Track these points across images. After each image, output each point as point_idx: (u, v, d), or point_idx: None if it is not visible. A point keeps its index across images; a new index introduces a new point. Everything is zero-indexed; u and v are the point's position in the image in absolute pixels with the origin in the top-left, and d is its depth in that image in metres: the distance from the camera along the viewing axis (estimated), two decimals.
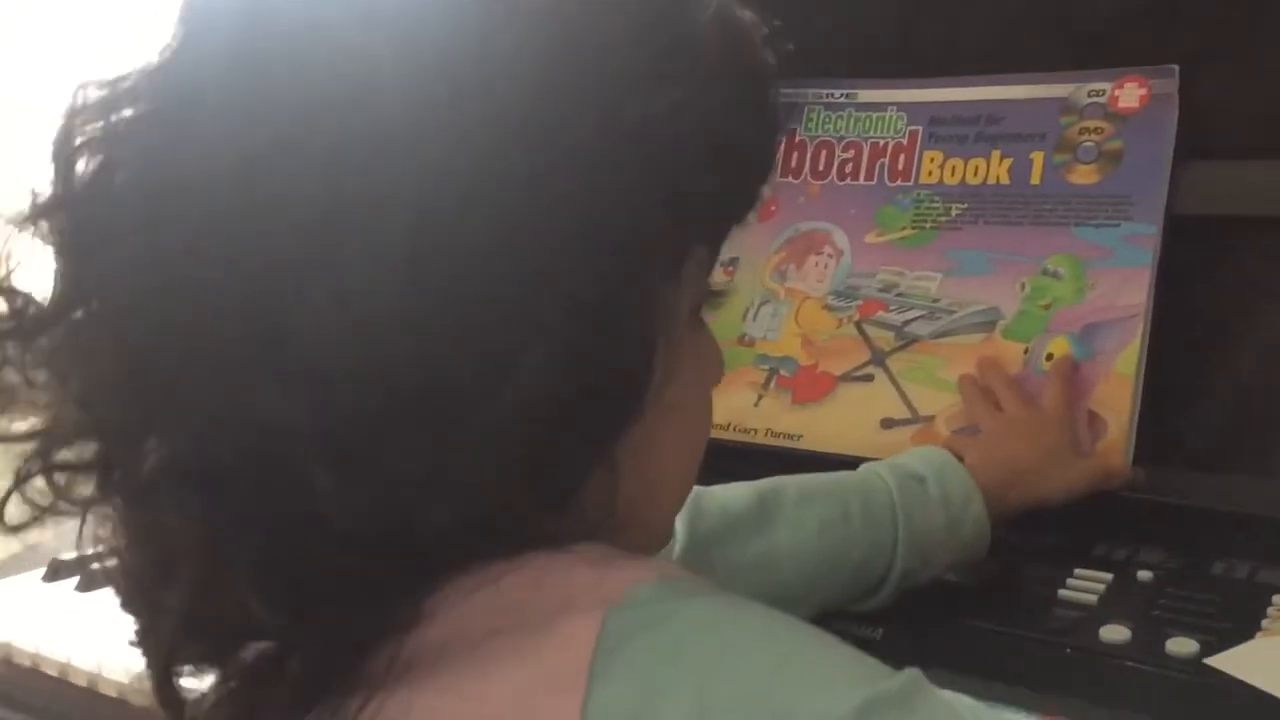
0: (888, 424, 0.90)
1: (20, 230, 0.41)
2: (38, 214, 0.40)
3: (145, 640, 0.42)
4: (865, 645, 0.68)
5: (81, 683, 0.78)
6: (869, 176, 0.97)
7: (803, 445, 0.92)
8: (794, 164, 1.00)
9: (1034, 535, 0.77)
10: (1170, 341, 0.84)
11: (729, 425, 0.96)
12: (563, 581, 0.39)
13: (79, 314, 0.40)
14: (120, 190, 0.39)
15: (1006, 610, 0.71)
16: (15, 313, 0.41)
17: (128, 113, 0.40)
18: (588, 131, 0.39)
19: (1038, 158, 0.91)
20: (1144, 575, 0.72)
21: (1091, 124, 0.90)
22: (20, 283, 0.41)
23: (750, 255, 0.99)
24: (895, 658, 0.67)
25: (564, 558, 0.40)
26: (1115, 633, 0.65)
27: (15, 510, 0.41)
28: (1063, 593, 0.71)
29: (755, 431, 0.94)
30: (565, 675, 0.36)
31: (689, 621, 0.38)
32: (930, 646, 0.69)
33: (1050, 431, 0.80)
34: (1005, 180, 0.92)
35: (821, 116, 0.99)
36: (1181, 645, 0.64)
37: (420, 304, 0.37)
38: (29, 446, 0.41)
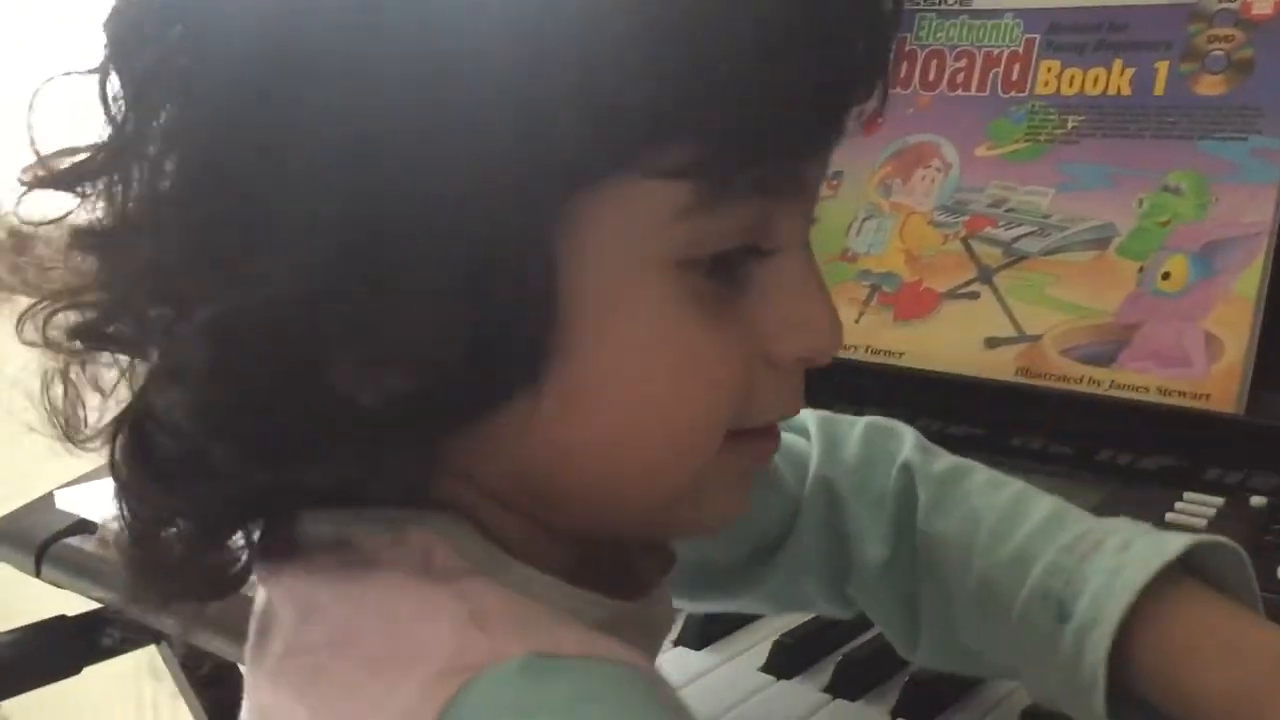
0: (992, 343, 0.88)
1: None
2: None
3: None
4: None
5: None
6: (981, 87, 0.94)
7: (904, 363, 0.91)
8: (903, 74, 0.97)
9: (1142, 457, 0.75)
10: None
11: None
12: (420, 629, 0.35)
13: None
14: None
15: None
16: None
17: None
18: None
19: (1162, 67, 0.87)
20: (1257, 501, 0.70)
21: (1221, 31, 0.85)
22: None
23: (855, 169, 0.97)
24: None
25: (431, 590, 0.36)
26: None
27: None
28: (1170, 516, 0.69)
29: (855, 348, 0.93)
30: None
31: None
32: None
33: None
34: (1126, 91, 0.88)
35: (933, 24, 0.96)
36: None
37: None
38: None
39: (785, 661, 0.63)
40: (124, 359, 0.38)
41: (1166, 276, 0.83)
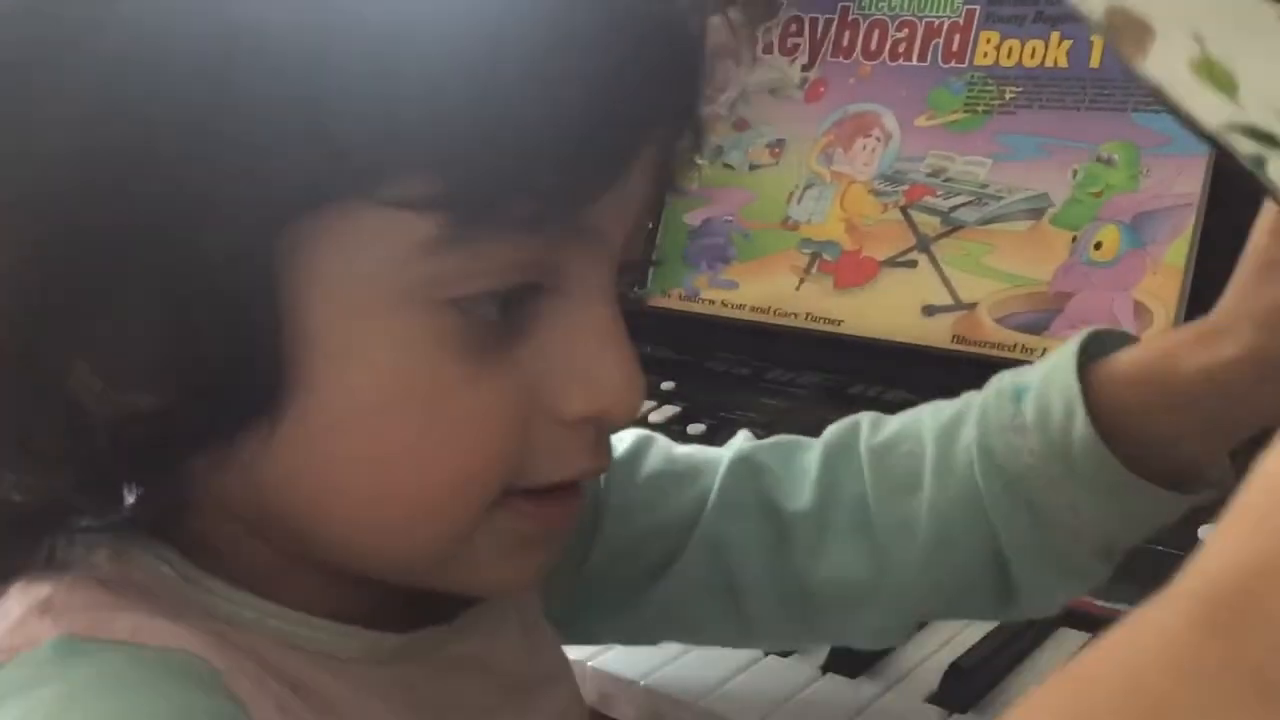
0: (929, 310, 0.89)
1: None
2: None
3: None
4: None
5: None
6: (922, 58, 0.94)
7: (844, 330, 0.92)
8: (845, 44, 0.97)
9: None
10: (1221, 234, 0.82)
11: (769, 309, 0.96)
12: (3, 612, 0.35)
13: None
14: None
15: None
16: None
17: None
18: None
19: (1099, 40, 0.88)
20: None
21: None
22: None
23: (796, 137, 0.98)
24: None
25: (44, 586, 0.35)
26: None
27: None
28: None
29: (796, 315, 0.94)
30: None
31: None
32: None
33: None
34: (1063, 63, 0.89)
35: None
36: None
37: None
38: None
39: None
40: None
41: (1099, 246, 0.85)
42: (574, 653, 0.50)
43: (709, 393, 0.89)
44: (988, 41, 0.92)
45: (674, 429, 0.84)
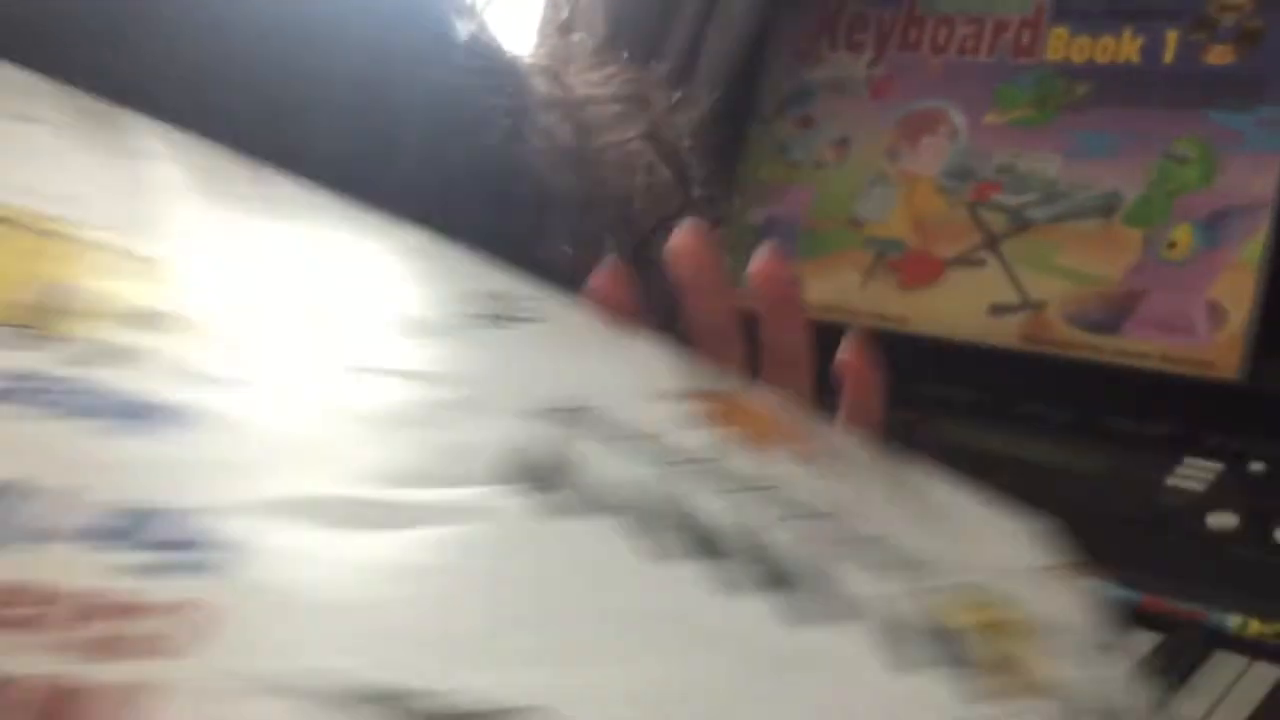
0: (997, 310, 0.88)
1: None
2: None
3: None
4: None
5: None
6: (990, 53, 0.94)
7: (909, 329, 0.92)
8: (911, 39, 0.97)
9: (1144, 423, 0.76)
10: None
11: (832, 307, 0.95)
12: None
13: None
14: None
15: (1111, 495, 0.70)
16: None
17: None
18: None
19: (1172, 36, 0.87)
20: (1256, 467, 0.71)
21: (1231, 1, 0.85)
22: None
23: (861, 135, 0.97)
24: None
25: None
26: (1222, 520, 0.65)
27: None
28: (1170, 480, 0.70)
29: (860, 314, 0.94)
30: None
31: None
32: (1031, 525, 0.70)
33: None
34: (1135, 59, 0.88)
35: None
36: None
37: None
38: None
39: None
40: None
41: (1172, 245, 0.83)
42: None
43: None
44: (1058, 37, 0.91)
45: None
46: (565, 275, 0.35)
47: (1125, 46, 0.89)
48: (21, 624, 0.16)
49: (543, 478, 0.20)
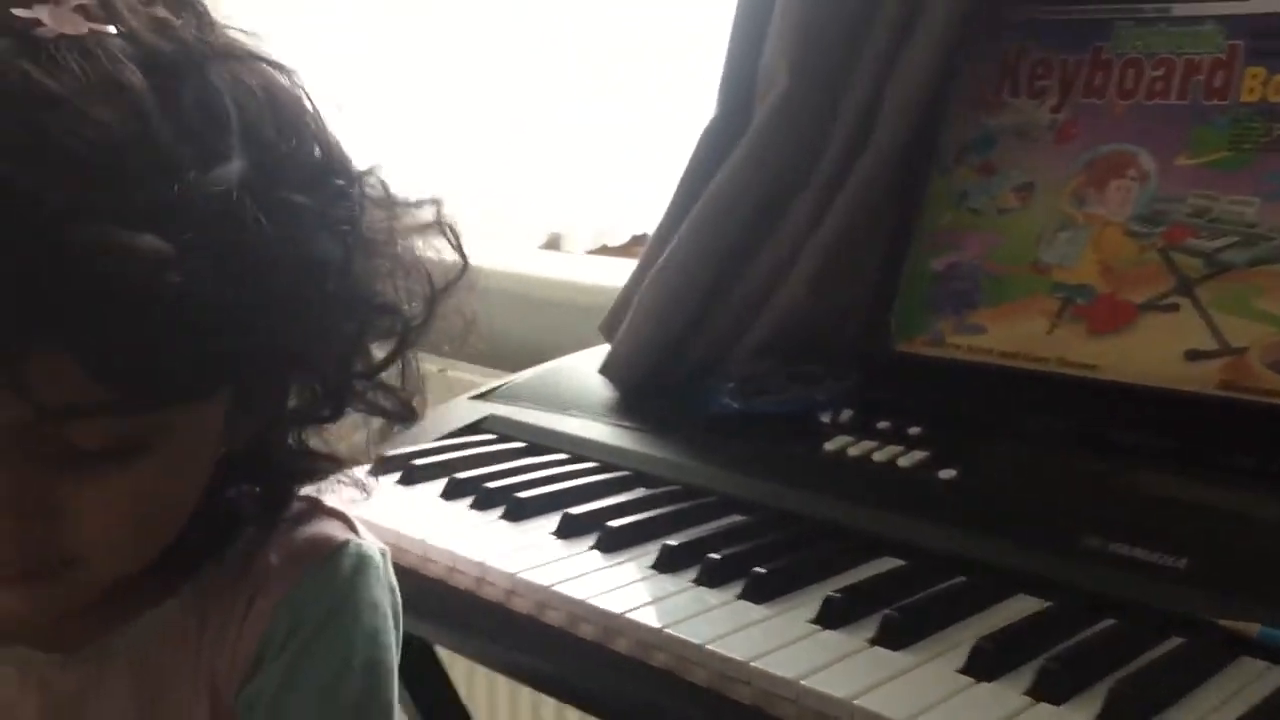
0: (1193, 355, 0.86)
1: None
2: None
3: None
4: (1168, 574, 0.68)
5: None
6: (1181, 96, 0.92)
7: (1099, 375, 0.90)
8: (1098, 83, 0.96)
9: None
10: None
11: (1017, 354, 0.94)
12: None
13: None
14: None
15: None
16: None
17: None
18: None
19: None
20: None
21: None
22: None
23: (1046, 180, 0.96)
24: (1202, 587, 0.66)
25: None
26: None
27: None
28: None
29: (1047, 360, 0.92)
30: None
31: None
32: (1239, 577, 0.67)
33: None
34: None
35: (1131, 32, 0.95)
36: None
37: None
38: None
39: (985, 664, 0.63)
40: None
41: None
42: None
43: (958, 438, 0.88)
44: (1253, 77, 0.89)
45: (923, 473, 0.84)
46: None
47: None
48: None
49: None
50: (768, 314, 1.03)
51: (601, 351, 1.09)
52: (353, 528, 0.59)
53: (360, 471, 0.60)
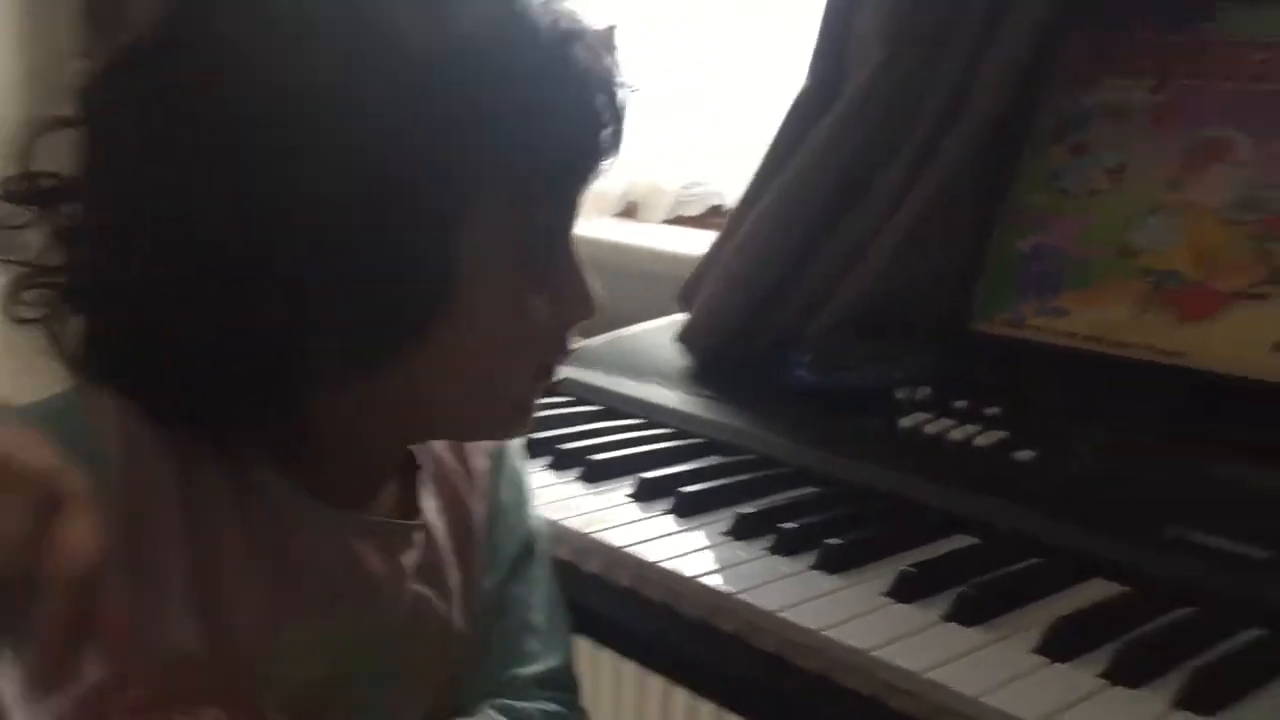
0: None
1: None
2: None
3: None
4: (1248, 564, 0.67)
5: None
6: None
7: (1186, 363, 0.88)
8: (1200, 65, 0.93)
9: None
10: None
11: (1101, 338, 0.93)
12: None
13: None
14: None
15: None
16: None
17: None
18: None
19: None
20: None
21: None
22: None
23: (1140, 162, 0.95)
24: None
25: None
26: None
27: None
28: None
29: (1133, 346, 0.91)
30: None
31: None
32: None
33: None
34: None
35: (1235, 14, 0.92)
36: None
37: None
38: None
39: (1063, 644, 0.63)
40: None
41: None
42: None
43: (1036, 420, 0.87)
44: None
45: (1000, 454, 0.83)
46: None
47: None
48: None
49: None
50: (848, 287, 1.02)
51: (676, 321, 1.09)
52: None
53: None
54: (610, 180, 1.74)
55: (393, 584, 0.62)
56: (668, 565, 0.73)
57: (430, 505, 0.65)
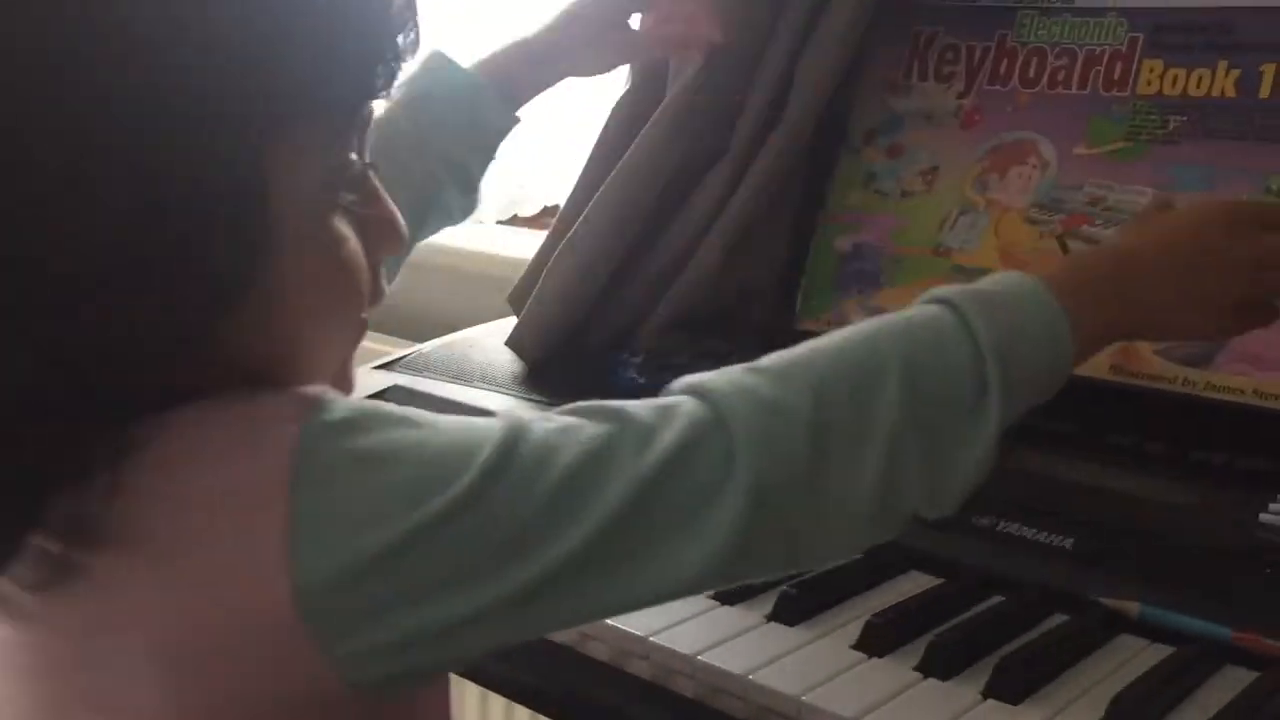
0: None
1: None
2: None
3: None
4: (1054, 554, 0.70)
5: None
6: (1081, 86, 0.94)
7: None
8: (1003, 71, 0.97)
9: (1236, 458, 0.76)
10: None
11: None
12: (245, 410, 0.48)
13: None
14: None
15: (1204, 529, 0.70)
16: None
17: None
18: None
19: (1269, 69, 0.86)
20: None
21: None
22: None
23: (950, 164, 0.98)
24: (1086, 566, 0.68)
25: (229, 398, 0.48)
26: None
27: None
28: (1265, 516, 0.70)
29: None
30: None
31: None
32: (1122, 558, 0.70)
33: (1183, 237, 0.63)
34: (1230, 93, 0.88)
35: (1035, 23, 0.96)
36: None
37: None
38: None
39: (877, 640, 0.64)
40: None
41: None
42: None
43: None
44: (1151, 70, 0.91)
45: None
46: None
47: (1220, 79, 0.89)
48: None
49: None
50: (677, 289, 1.03)
51: (509, 324, 1.08)
52: None
53: None
54: None
55: None
56: None
57: None
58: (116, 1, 0.45)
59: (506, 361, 1.05)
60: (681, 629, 0.66)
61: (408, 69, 0.53)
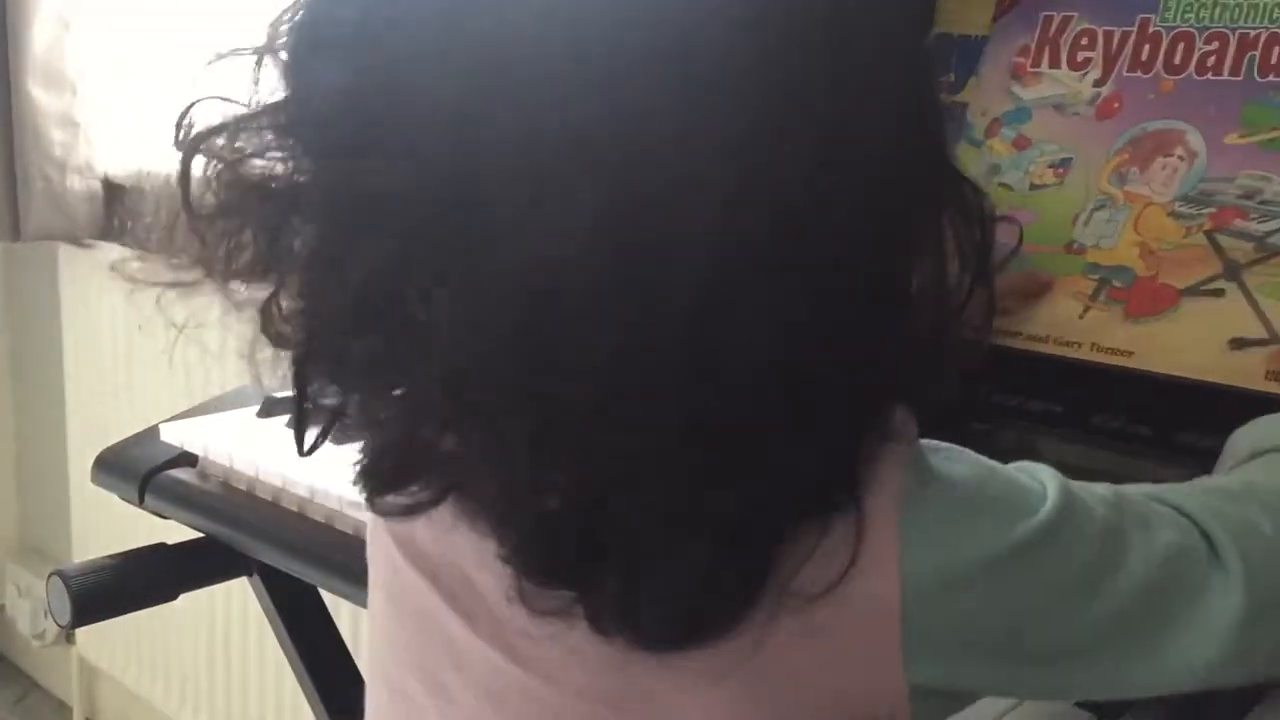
0: (1238, 344, 0.81)
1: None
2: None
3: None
4: None
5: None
6: (1234, 71, 0.87)
7: (1134, 364, 0.85)
8: (1144, 57, 0.90)
9: None
10: None
11: (1048, 337, 0.89)
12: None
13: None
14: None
15: None
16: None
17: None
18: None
19: None
20: None
21: None
22: None
23: (1086, 155, 0.91)
24: None
25: None
26: None
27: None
28: None
29: (1079, 345, 0.87)
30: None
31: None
32: None
33: None
34: None
35: (1181, 4, 0.89)
36: None
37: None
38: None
39: None
40: None
41: None
42: None
43: (977, 423, 0.83)
44: None
45: None
46: None
47: None
48: None
49: None
50: None
51: None
52: None
53: None
54: None
55: None
56: None
57: None
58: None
59: None
60: None
61: None
